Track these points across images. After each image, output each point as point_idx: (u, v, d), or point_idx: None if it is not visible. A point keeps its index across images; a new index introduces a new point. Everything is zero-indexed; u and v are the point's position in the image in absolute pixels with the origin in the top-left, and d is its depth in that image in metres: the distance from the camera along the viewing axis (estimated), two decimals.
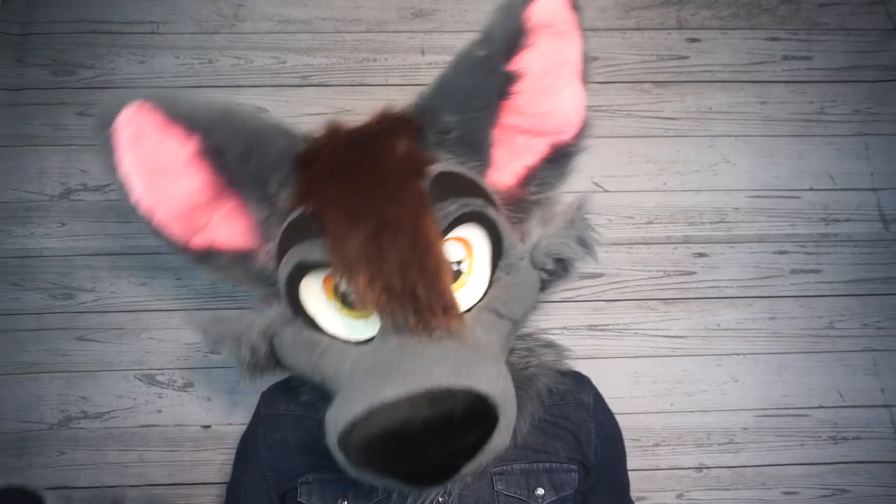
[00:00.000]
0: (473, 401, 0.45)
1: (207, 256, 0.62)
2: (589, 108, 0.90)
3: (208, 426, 0.84)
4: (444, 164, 0.58)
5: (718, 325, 0.87)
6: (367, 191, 0.53)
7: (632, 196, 0.89)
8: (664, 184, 0.90)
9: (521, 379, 0.60)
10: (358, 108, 0.90)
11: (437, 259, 0.51)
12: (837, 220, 0.90)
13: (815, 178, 0.91)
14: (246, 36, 0.91)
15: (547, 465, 0.60)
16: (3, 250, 0.85)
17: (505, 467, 0.59)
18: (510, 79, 0.57)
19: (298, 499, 0.60)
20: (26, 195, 0.86)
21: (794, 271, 0.88)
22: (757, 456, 0.85)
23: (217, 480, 0.84)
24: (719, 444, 0.86)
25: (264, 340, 0.57)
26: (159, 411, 0.84)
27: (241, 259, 0.63)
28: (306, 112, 0.89)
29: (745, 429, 0.86)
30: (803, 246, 0.89)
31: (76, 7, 0.91)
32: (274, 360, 0.59)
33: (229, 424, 0.83)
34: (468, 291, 0.55)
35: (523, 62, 0.57)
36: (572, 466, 0.61)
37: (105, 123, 0.56)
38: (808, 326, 0.88)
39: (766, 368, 0.87)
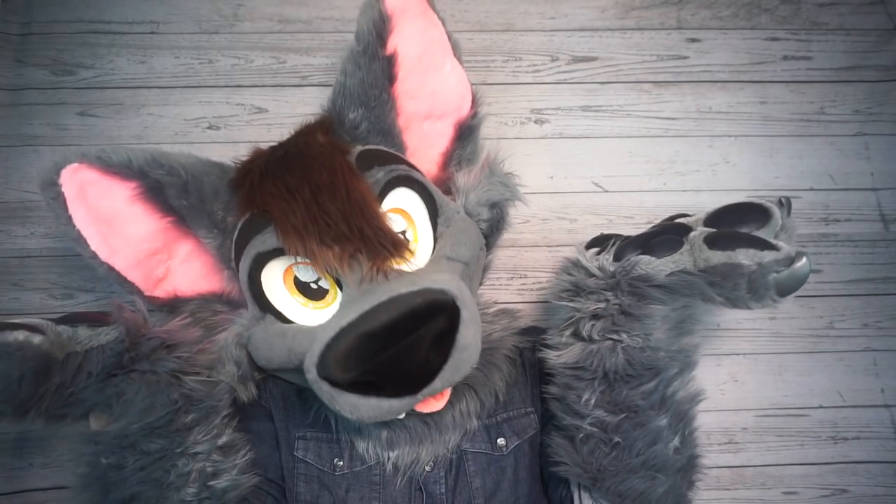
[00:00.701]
0: (432, 294, 0.50)
1: (174, 305, 0.64)
2: (588, 108, 0.91)
3: None
4: (364, 145, 0.63)
5: (718, 326, 0.87)
6: (298, 171, 0.57)
7: (632, 196, 0.89)
8: (664, 184, 0.90)
9: (491, 342, 0.64)
10: None
11: (376, 207, 0.56)
12: (837, 220, 0.90)
13: (815, 178, 0.91)
14: (246, 36, 0.91)
15: (504, 415, 0.65)
16: (3, 250, 0.85)
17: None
18: (391, 61, 0.64)
19: (295, 452, 0.63)
20: (26, 195, 0.86)
21: None
22: (757, 456, 0.85)
23: None
24: (719, 444, 0.86)
25: (242, 349, 0.60)
26: None
27: (207, 302, 0.65)
28: (306, 112, 0.89)
29: (745, 429, 0.86)
30: (803, 246, 0.89)
31: (76, 7, 0.91)
32: (256, 365, 0.61)
33: None
34: (419, 256, 0.60)
35: (396, 44, 0.64)
36: (529, 409, 0.66)
37: (49, 185, 0.58)
38: (808, 326, 0.88)
39: (766, 368, 0.87)
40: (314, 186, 0.55)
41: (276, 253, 0.57)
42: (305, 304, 0.59)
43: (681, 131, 0.91)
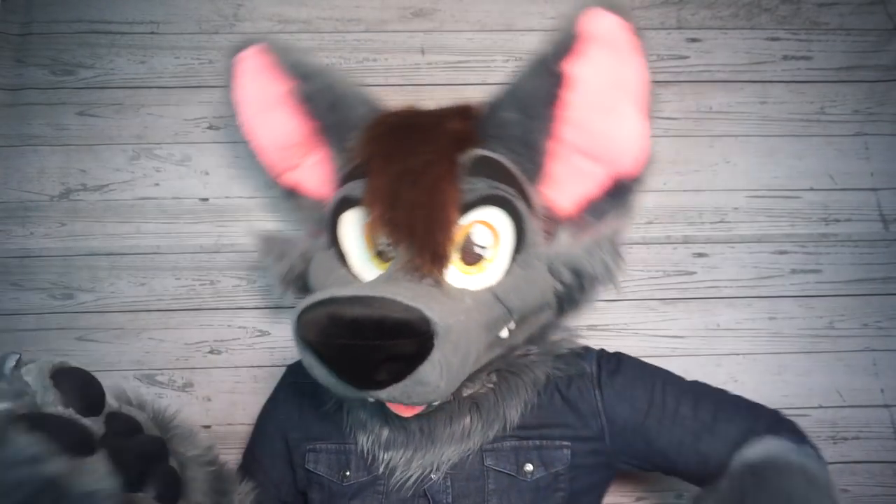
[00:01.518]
0: (413, 316, 0.48)
1: (292, 195, 0.75)
2: None
3: (208, 426, 0.84)
4: (490, 151, 0.62)
5: (718, 325, 0.87)
6: (408, 147, 0.59)
7: None
8: (664, 184, 0.90)
9: (518, 366, 0.63)
10: None
11: (447, 214, 0.56)
12: (837, 220, 0.90)
13: (815, 178, 0.90)
14: (246, 36, 0.91)
15: (537, 442, 0.62)
16: (3, 250, 0.85)
17: (496, 444, 0.62)
18: (562, 81, 0.60)
19: (306, 465, 0.65)
20: (26, 195, 0.86)
21: (793, 271, 0.88)
22: None
23: None
24: None
25: (302, 261, 0.67)
26: None
27: (318, 205, 0.72)
28: None
29: None
30: (803, 246, 0.89)
31: (76, 7, 0.91)
32: (303, 280, 0.67)
33: (229, 425, 0.83)
34: (484, 277, 0.59)
35: (575, 68, 0.60)
36: (564, 443, 0.62)
37: (232, 58, 0.71)
38: (808, 326, 0.88)
39: (765, 368, 0.87)
40: (408, 166, 0.57)
41: (358, 202, 0.60)
42: (373, 259, 0.61)
43: (681, 131, 0.91)
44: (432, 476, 0.60)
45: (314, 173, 0.73)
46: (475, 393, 0.62)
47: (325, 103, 0.68)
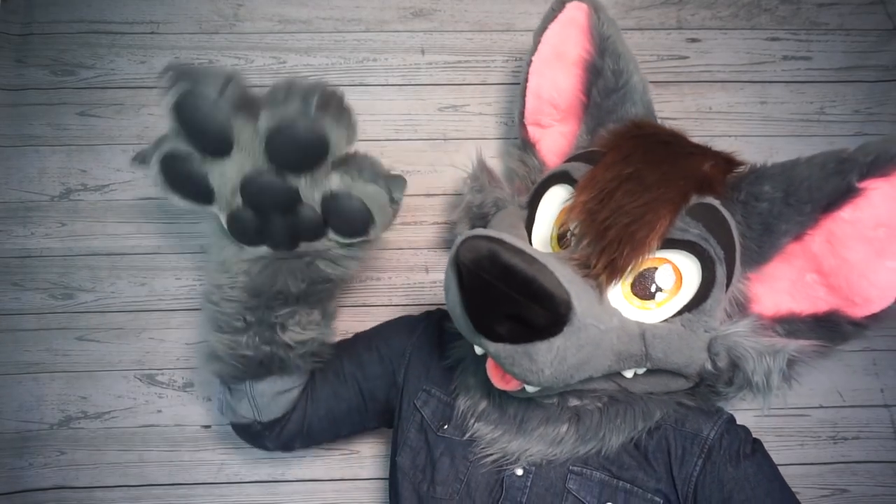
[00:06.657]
0: (559, 294, 0.48)
1: (526, 147, 0.75)
2: None
3: (208, 426, 0.84)
4: (725, 209, 0.57)
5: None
6: (651, 160, 0.56)
7: None
8: None
9: (633, 396, 0.59)
10: (358, 108, 0.89)
11: (648, 235, 0.53)
12: None
13: None
14: (246, 36, 0.91)
15: (628, 485, 0.57)
16: (3, 250, 0.85)
17: (585, 470, 0.59)
18: (849, 193, 0.54)
19: (415, 401, 0.68)
20: (26, 195, 0.86)
21: None
22: None
23: (217, 481, 0.84)
24: None
25: (494, 205, 0.69)
26: (159, 411, 0.84)
27: (539, 170, 0.73)
28: None
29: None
30: None
31: (76, 7, 0.91)
32: (482, 221, 0.69)
33: (230, 424, 0.83)
34: (642, 314, 0.56)
35: (873, 188, 0.53)
36: (657, 499, 0.57)
37: (560, 2, 0.71)
38: None
39: None
40: (639, 175, 0.55)
41: (573, 184, 0.59)
42: (552, 239, 0.61)
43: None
44: (517, 471, 0.60)
45: (555, 142, 0.74)
46: (580, 406, 0.60)
47: (607, 86, 0.68)
